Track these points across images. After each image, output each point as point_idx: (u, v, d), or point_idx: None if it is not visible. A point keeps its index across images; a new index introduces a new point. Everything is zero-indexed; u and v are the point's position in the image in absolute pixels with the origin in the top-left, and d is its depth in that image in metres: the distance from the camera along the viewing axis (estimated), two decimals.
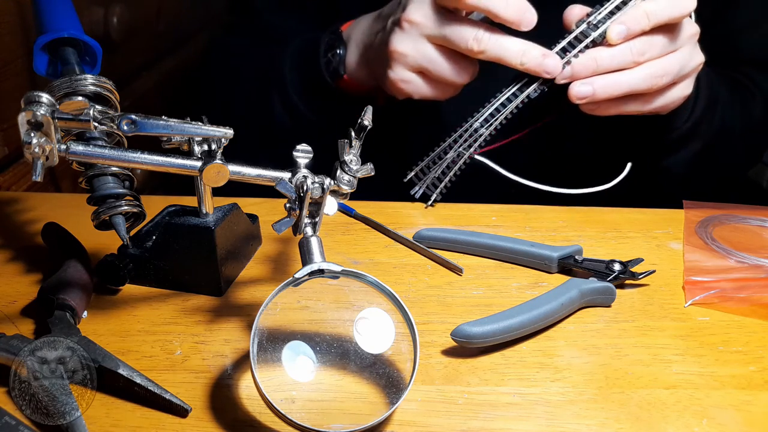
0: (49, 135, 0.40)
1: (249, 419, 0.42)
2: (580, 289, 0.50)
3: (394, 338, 0.43)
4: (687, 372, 0.45)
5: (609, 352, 0.47)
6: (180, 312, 0.51)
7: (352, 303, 0.45)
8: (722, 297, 0.51)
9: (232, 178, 0.45)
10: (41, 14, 0.55)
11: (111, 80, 0.52)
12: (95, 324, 0.49)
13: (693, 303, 0.51)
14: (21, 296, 0.52)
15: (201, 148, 0.47)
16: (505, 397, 0.43)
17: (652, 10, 0.59)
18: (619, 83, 0.61)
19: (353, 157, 0.45)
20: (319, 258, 0.43)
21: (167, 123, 0.43)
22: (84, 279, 0.50)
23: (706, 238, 0.59)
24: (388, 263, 0.57)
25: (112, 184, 0.51)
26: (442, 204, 0.67)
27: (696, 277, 0.54)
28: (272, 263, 0.57)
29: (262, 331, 0.43)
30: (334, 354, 0.45)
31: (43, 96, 0.40)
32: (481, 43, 0.61)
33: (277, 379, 0.43)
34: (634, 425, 0.41)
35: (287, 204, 0.45)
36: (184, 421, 0.41)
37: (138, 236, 0.54)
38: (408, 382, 0.41)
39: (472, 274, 0.56)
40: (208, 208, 0.51)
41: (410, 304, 0.46)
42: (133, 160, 0.44)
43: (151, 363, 0.46)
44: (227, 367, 0.45)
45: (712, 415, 0.42)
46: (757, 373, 0.45)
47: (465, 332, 0.45)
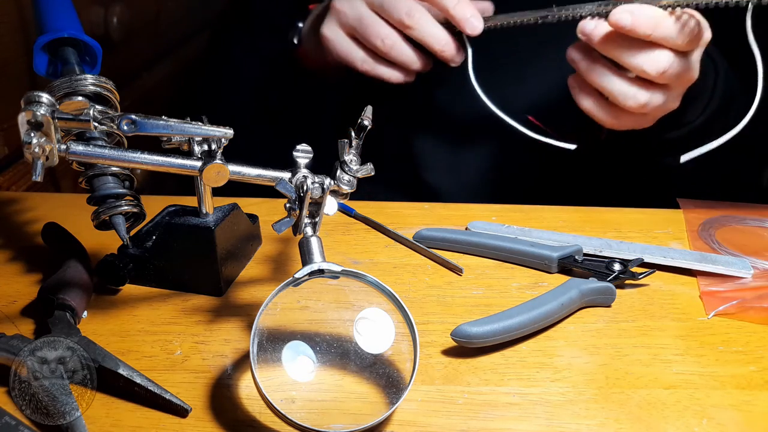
0: (49, 135, 0.40)
1: (249, 419, 0.42)
2: (580, 289, 0.50)
3: (394, 338, 0.43)
4: (687, 372, 0.45)
5: (609, 352, 0.47)
6: (180, 312, 0.51)
7: (352, 303, 0.45)
8: (742, 307, 0.50)
9: (232, 178, 0.45)
10: (41, 14, 0.55)
11: (111, 80, 0.52)
12: (95, 324, 0.49)
13: (716, 314, 0.50)
14: (21, 296, 0.52)
15: (201, 148, 0.47)
16: (505, 397, 0.43)
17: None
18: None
19: (353, 157, 0.45)
20: (319, 258, 0.43)
21: (167, 123, 0.43)
22: (84, 279, 0.50)
23: (711, 242, 0.58)
24: (388, 263, 0.57)
25: (112, 184, 0.51)
26: (442, 204, 0.67)
27: (712, 287, 0.53)
28: (272, 263, 0.57)
29: (262, 331, 0.43)
30: (334, 354, 0.45)
31: (43, 96, 0.40)
32: (413, 19, 0.64)
33: (277, 379, 0.43)
34: (634, 425, 0.41)
35: (287, 204, 0.45)
36: (184, 421, 0.41)
37: (138, 236, 0.53)
38: (408, 382, 0.41)
39: (472, 274, 0.56)
40: (208, 208, 0.51)
41: (410, 304, 0.46)
42: (133, 160, 0.44)
43: (151, 363, 0.46)
44: (227, 367, 0.45)
45: (712, 415, 0.42)
46: (757, 373, 0.45)
47: (465, 332, 0.45)
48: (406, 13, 0.64)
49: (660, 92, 0.61)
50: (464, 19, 0.64)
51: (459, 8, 0.64)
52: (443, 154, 0.79)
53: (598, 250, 0.57)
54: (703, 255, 0.56)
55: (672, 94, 0.62)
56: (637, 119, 0.63)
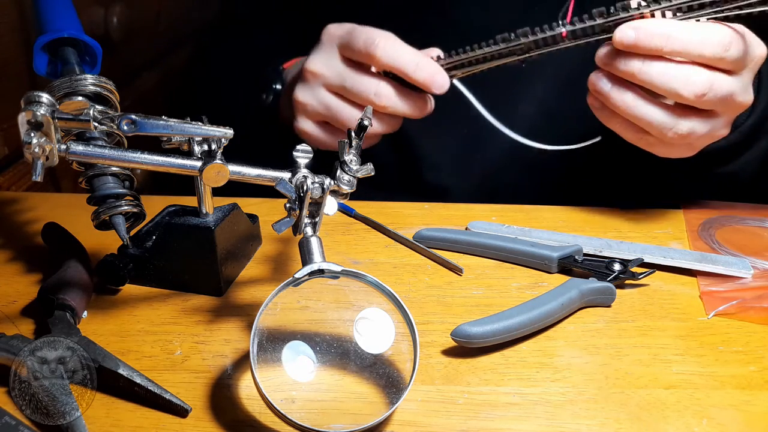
0: (49, 135, 0.40)
1: (249, 419, 0.42)
2: (580, 289, 0.50)
3: (394, 338, 0.43)
4: (687, 372, 0.45)
5: (609, 352, 0.47)
6: (180, 312, 0.51)
7: (352, 303, 0.45)
8: (742, 307, 0.50)
9: (232, 178, 0.45)
10: (41, 14, 0.55)
11: (111, 80, 0.52)
12: (95, 324, 0.49)
13: (716, 314, 0.50)
14: (21, 296, 0.52)
15: (201, 148, 0.47)
16: (505, 397, 0.43)
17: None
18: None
19: (353, 157, 0.45)
20: (319, 258, 0.43)
21: (167, 123, 0.43)
22: (84, 279, 0.50)
23: (711, 242, 0.58)
24: (388, 263, 0.57)
25: (112, 184, 0.51)
26: (442, 204, 0.67)
27: (712, 287, 0.53)
28: (272, 263, 0.57)
29: (262, 331, 0.43)
30: (334, 354, 0.45)
31: (43, 96, 0.40)
32: (383, 98, 0.61)
33: (277, 379, 0.43)
34: (634, 425, 0.41)
35: (287, 204, 0.45)
36: (184, 421, 0.41)
37: (138, 236, 0.54)
38: (408, 382, 0.41)
39: (472, 274, 0.56)
40: (208, 208, 0.51)
41: (410, 304, 0.46)
42: (133, 160, 0.44)
43: (151, 363, 0.46)
44: (227, 367, 0.45)
45: (712, 415, 0.42)
46: (757, 373, 0.45)
47: (465, 332, 0.45)
48: (374, 94, 0.61)
49: (704, 120, 0.54)
50: (428, 79, 0.60)
51: (419, 72, 0.60)
52: (445, 155, 0.79)
53: (598, 250, 0.57)
54: (703, 255, 0.56)
55: (719, 121, 0.55)
56: (681, 149, 0.58)
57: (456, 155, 0.78)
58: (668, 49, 0.51)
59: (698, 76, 0.52)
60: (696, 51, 0.51)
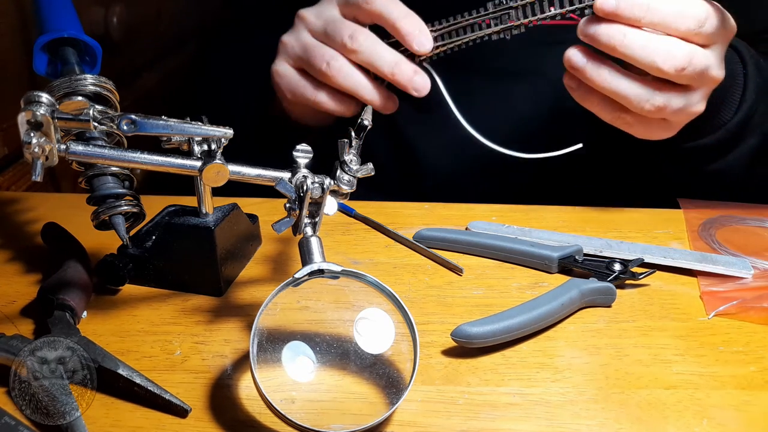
0: (49, 135, 0.40)
1: (249, 419, 0.42)
2: (580, 289, 0.50)
3: (394, 338, 0.43)
4: (687, 372, 0.45)
5: (609, 352, 0.47)
6: (180, 312, 0.51)
7: (352, 303, 0.45)
8: (743, 307, 0.50)
9: (232, 178, 0.45)
10: (41, 14, 0.55)
11: (111, 80, 0.52)
12: (95, 324, 0.49)
13: (716, 314, 0.50)
14: (21, 296, 0.52)
15: (201, 148, 0.47)
16: (505, 397, 0.43)
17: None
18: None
19: (353, 157, 0.45)
20: (319, 258, 0.43)
21: (167, 123, 0.43)
22: (84, 279, 0.50)
23: (712, 242, 0.58)
24: (388, 263, 0.57)
25: (112, 184, 0.51)
26: (442, 204, 0.67)
27: (712, 287, 0.53)
28: (272, 263, 0.57)
29: (262, 331, 0.43)
30: (334, 354, 0.45)
31: (43, 96, 0.40)
32: (356, 42, 0.61)
33: (277, 379, 0.43)
34: (634, 425, 0.41)
35: (287, 204, 0.44)
36: (184, 421, 0.41)
37: (138, 236, 0.53)
38: (408, 383, 0.41)
39: (472, 274, 0.56)
40: (208, 208, 0.51)
41: (410, 304, 0.46)
42: (133, 160, 0.44)
43: (150, 363, 0.46)
44: (227, 367, 0.45)
45: (712, 415, 0.42)
46: (757, 373, 0.45)
47: (465, 332, 0.45)
48: (349, 36, 0.60)
49: (680, 94, 0.55)
50: (410, 33, 0.59)
51: (406, 22, 0.59)
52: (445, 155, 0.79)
53: (599, 250, 0.57)
54: (704, 255, 0.56)
55: (695, 96, 0.56)
56: (659, 128, 0.58)
57: (456, 155, 0.78)
58: (647, 21, 0.52)
59: (679, 50, 0.52)
60: (674, 24, 0.52)
